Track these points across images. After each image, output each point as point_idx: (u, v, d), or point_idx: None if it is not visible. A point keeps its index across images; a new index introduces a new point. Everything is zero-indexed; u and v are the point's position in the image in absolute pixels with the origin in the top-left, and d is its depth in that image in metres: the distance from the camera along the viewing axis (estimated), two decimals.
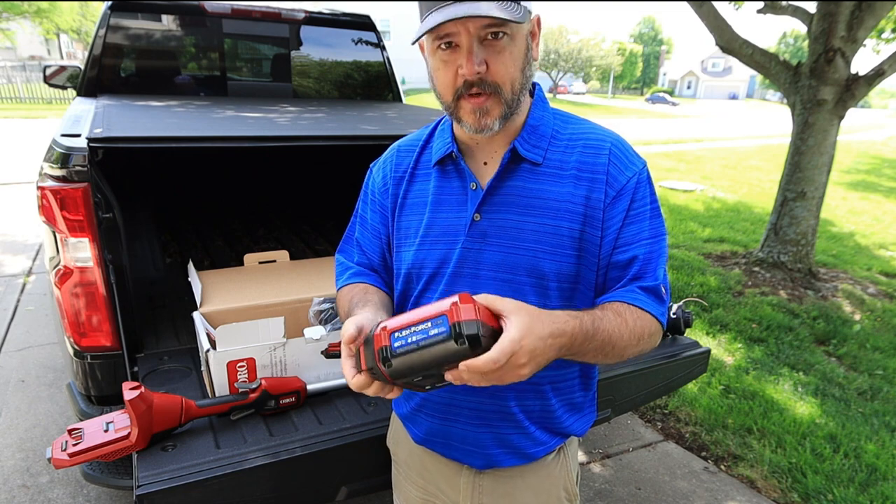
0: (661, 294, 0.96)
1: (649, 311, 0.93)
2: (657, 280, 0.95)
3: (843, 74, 4.31)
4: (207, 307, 1.74)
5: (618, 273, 0.96)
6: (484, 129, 0.91)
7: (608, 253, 0.95)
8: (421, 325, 0.74)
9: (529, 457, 1.04)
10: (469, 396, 1.00)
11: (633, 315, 0.92)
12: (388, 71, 3.96)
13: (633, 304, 0.93)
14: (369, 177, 1.14)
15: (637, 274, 0.95)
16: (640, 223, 0.95)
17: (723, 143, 17.41)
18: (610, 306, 0.92)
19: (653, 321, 0.94)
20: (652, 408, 2.99)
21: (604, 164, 0.94)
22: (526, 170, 0.96)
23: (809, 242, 4.69)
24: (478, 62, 0.86)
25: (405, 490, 1.20)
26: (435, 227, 1.00)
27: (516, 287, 0.95)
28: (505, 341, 0.72)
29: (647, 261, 0.95)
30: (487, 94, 0.89)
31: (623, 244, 0.94)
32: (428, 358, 0.73)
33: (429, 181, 1.03)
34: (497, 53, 0.87)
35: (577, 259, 0.94)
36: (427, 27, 0.85)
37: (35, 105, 18.18)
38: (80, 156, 1.48)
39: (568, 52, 42.69)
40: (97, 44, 3.15)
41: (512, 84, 0.89)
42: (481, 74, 0.87)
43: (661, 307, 0.96)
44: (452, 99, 0.91)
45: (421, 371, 0.75)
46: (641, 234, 0.95)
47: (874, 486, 2.41)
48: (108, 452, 1.24)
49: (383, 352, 0.75)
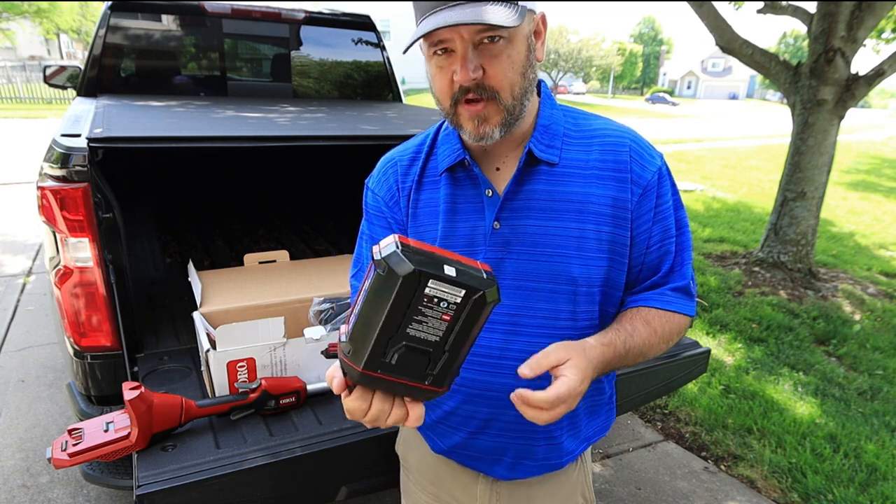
0: (690, 290, 0.97)
1: (680, 312, 0.95)
2: (686, 278, 0.96)
3: (843, 74, 4.31)
4: (207, 307, 1.74)
5: (650, 272, 0.96)
6: (484, 137, 0.87)
7: (641, 254, 0.94)
8: (360, 294, 0.67)
9: (555, 466, 1.02)
10: (498, 410, 0.96)
11: (663, 320, 0.93)
12: (388, 71, 3.96)
13: (663, 309, 0.93)
14: (368, 194, 1.07)
15: (667, 272, 0.96)
16: (668, 219, 0.94)
17: (723, 143, 17.41)
18: (639, 314, 0.92)
19: (682, 320, 0.96)
20: (652, 408, 2.99)
21: (626, 161, 0.91)
22: (544, 172, 0.92)
23: (809, 242, 4.69)
24: (472, 68, 0.82)
25: (415, 496, 1.17)
26: (452, 238, 0.95)
27: (544, 295, 0.91)
28: (563, 387, 0.75)
29: (677, 254, 0.96)
30: (485, 100, 0.85)
31: (655, 243, 0.94)
32: (368, 311, 0.65)
33: (438, 189, 0.98)
34: (493, 57, 0.83)
35: (608, 262, 0.92)
36: (418, 34, 0.81)
37: (35, 105, 18.18)
38: (80, 156, 1.48)
39: (568, 52, 42.74)
40: (97, 44, 3.15)
41: (511, 89, 0.85)
42: (477, 80, 0.83)
43: (691, 302, 0.97)
44: (451, 105, 0.87)
45: (376, 336, 0.65)
46: (669, 231, 0.95)
47: (874, 486, 2.41)
48: (108, 452, 1.24)
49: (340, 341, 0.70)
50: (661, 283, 0.96)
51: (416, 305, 0.64)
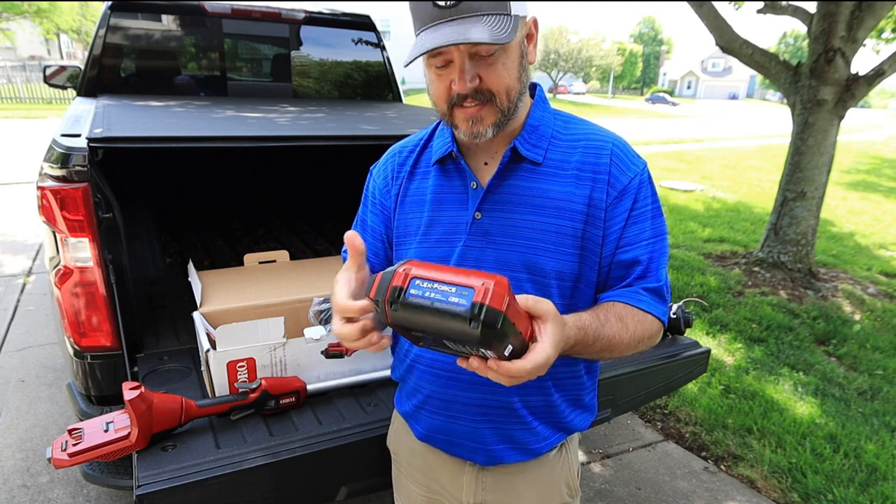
0: (663, 294, 0.99)
1: (652, 313, 0.97)
2: (660, 281, 0.98)
3: (843, 74, 4.31)
4: (207, 307, 1.74)
5: (621, 272, 0.98)
6: (477, 136, 0.93)
7: (611, 252, 0.97)
8: (444, 287, 0.69)
9: (533, 452, 1.05)
10: (472, 393, 1.01)
11: (635, 318, 0.94)
12: (388, 71, 3.96)
13: (636, 307, 0.95)
14: (370, 180, 1.15)
15: (640, 274, 0.97)
16: (643, 223, 0.97)
17: (723, 143, 17.41)
18: (613, 309, 0.94)
19: (654, 322, 0.97)
20: (652, 408, 2.99)
21: (605, 164, 0.96)
22: (526, 169, 0.97)
23: (809, 242, 4.69)
24: (470, 78, 0.87)
25: (407, 489, 1.20)
26: (436, 226, 1.01)
27: (517, 284, 0.95)
28: (541, 355, 0.74)
29: (650, 260, 0.97)
30: (482, 103, 0.90)
31: (626, 244, 0.96)
32: (434, 322, 0.69)
33: (428, 179, 1.04)
34: (489, 66, 0.88)
35: (579, 258, 0.96)
36: (419, 52, 0.85)
37: (35, 105, 18.18)
38: (80, 156, 1.48)
39: (568, 52, 42.70)
40: (97, 44, 3.15)
41: (507, 92, 0.90)
42: (475, 86, 0.88)
43: (663, 307, 0.99)
44: (447, 108, 0.93)
45: (422, 329, 0.71)
46: (644, 235, 0.97)
47: (874, 486, 2.41)
48: (108, 452, 1.24)
49: (395, 292, 0.70)
50: (635, 281, 0.98)
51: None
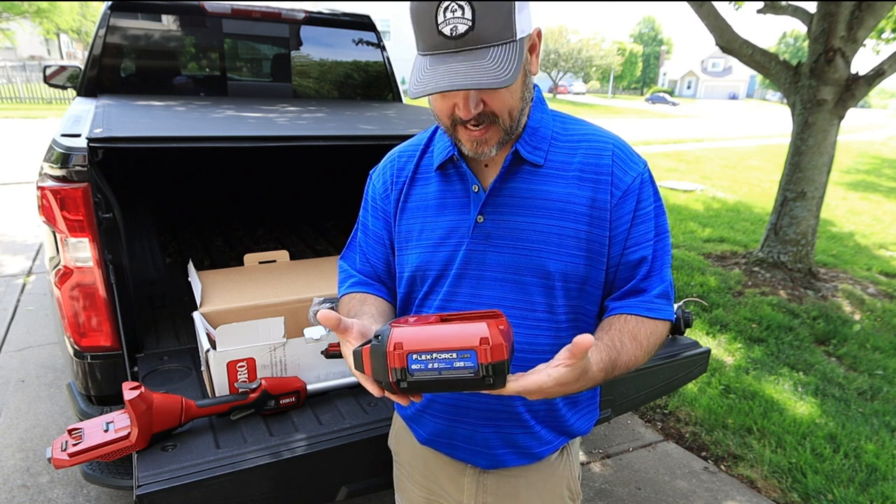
0: (669, 295, 1.00)
1: (662, 318, 0.98)
2: (664, 281, 0.99)
3: (843, 74, 4.31)
4: (207, 307, 1.74)
5: (628, 273, 0.98)
6: (482, 155, 0.92)
7: (619, 253, 0.97)
8: (444, 354, 0.70)
9: (535, 456, 1.05)
10: (476, 397, 1.00)
11: (647, 331, 0.95)
12: (388, 71, 3.96)
13: (648, 317, 0.96)
14: (369, 184, 1.15)
15: (646, 274, 0.98)
16: (647, 223, 0.97)
17: (723, 143, 17.41)
18: (626, 327, 0.94)
19: (665, 326, 0.99)
20: (652, 408, 2.99)
21: (607, 165, 0.96)
22: (528, 171, 0.97)
23: (809, 242, 4.69)
24: (474, 105, 0.87)
25: (408, 490, 1.20)
26: (438, 230, 1.01)
27: (522, 287, 0.95)
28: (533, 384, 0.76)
29: (655, 259, 0.98)
30: (486, 125, 0.89)
31: (633, 244, 0.97)
32: (447, 385, 0.72)
33: (430, 185, 1.04)
34: (493, 92, 0.86)
35: (585, 259, 0.96)
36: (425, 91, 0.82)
37: (35, 105, 18.18)
38: (80, 156, 1.48)
39: (568, 52, 42.70)
40: (97, 44, 3.15)
41: (511, 112, 0.90)
42: (479, 111, 0.87)
43: (670, 308, 1.00)
44: (451, 125, 0.92)
45: (437, 390, 0.73)
46: (649, 234, 0.98)
47: (874, 486, 2.41)
48: (108, 452, 1.24)
49: (398, 373, 0.72)
50: (640, 288, 0.98)
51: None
